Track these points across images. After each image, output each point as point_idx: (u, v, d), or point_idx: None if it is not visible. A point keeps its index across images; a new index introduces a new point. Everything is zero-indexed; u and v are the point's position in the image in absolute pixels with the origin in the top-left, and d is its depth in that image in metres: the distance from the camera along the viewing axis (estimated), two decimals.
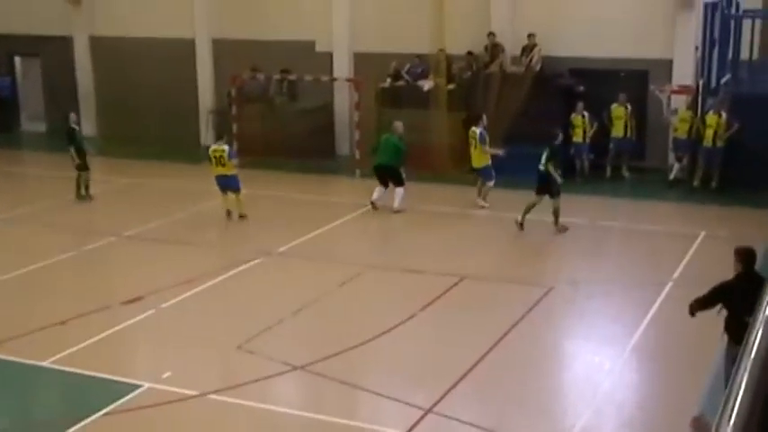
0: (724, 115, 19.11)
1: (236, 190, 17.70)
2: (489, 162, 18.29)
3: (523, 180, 18.68)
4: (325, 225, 17.20)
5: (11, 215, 18.04)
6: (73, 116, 19.66)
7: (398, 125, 18.62)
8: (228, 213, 17.77)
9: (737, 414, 1.24)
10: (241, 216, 17.64)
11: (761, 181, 17.88)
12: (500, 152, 18.42)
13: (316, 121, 22.90)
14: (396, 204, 18.15)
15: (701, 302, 9.28)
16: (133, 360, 11.81)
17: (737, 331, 8.47)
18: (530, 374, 10.88)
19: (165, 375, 10.64)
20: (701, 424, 6.21)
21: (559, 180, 16.38)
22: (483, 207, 18.21)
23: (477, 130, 18.20)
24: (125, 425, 9.66)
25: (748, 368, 1.33)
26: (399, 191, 18.18)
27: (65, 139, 19.16)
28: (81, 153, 19.04)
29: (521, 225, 16.48)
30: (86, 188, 19.10)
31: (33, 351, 11.37)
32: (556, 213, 16.34)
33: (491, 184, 18.30)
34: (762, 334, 1.47)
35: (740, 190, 18.22)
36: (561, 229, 16.41)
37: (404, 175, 18.25)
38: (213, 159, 17.62)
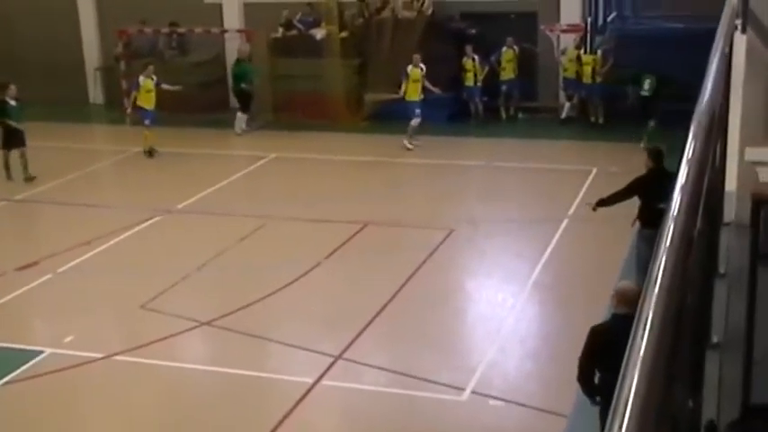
0: (599, 52, 19.64)
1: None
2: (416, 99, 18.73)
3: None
4: (223, 179, 16.98)
5: None
6: (12, 88, 17.53)
7: (240, 49, 20.70)
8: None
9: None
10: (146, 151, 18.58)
11: (645, 116, 18.36)
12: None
13: (208, 75, 22.46)
14: (236, 128, 20.13)
15: (615, 196, 10.70)
16: (33, 326, 11.52)
17: (650, 217, 9.89)
18: (435, 315, 11.06)
19: (68, 339, 10.42)
20: (623, 291, 6.94)
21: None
22: (409, 149, 18.56)
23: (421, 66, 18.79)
24: (28, 392, 9.45)
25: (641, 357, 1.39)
26: (241, 116, 20.19)
27: None
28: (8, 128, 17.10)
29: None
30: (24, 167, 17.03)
31: None
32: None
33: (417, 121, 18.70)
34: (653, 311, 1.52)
35: (626, 126, 18.72)
36: None
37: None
38: None
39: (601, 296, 11.02)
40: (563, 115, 20.53)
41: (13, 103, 17.42)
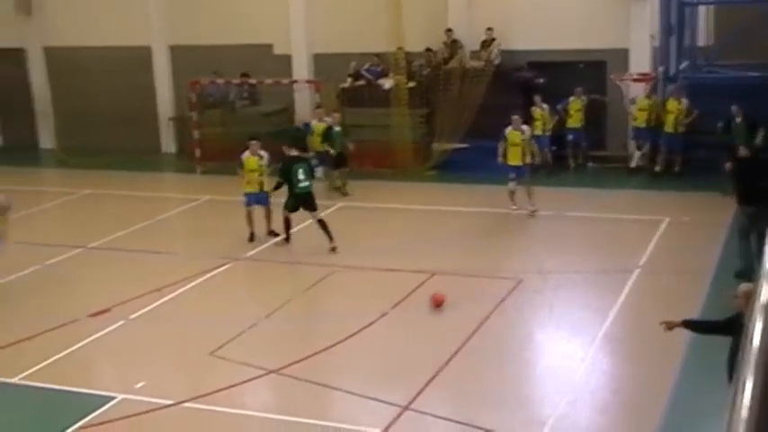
0: (684, 101, 19.37)
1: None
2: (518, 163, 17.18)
3: (486, 175, 18.74)
4: (292, 228, 17.09)
5: None
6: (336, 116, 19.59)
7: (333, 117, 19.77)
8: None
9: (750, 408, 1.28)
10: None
11: (718, 165, 18.04)
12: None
13: (278, 124, 22.81)
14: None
15: (735, 188, 13.21)
16: (105, 372, 11.67)
17: (748, 195, 12.64)
18: (504, 366, 10.91)
19: (139, 386, 10.53)
20: (750, 292, 7.11)
21: None
22: (534, 211, 17.17)
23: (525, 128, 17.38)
24: None
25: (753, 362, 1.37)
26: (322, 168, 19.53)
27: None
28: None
29: None
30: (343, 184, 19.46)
31: (1, 368, 11.20)
32: None
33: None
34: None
35: (700, 175, 18.42)
36: None
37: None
38: None
39: (672, 348, 10.77)
40: (633, 164, 20.30)
41: (337, 129, 19.37)
